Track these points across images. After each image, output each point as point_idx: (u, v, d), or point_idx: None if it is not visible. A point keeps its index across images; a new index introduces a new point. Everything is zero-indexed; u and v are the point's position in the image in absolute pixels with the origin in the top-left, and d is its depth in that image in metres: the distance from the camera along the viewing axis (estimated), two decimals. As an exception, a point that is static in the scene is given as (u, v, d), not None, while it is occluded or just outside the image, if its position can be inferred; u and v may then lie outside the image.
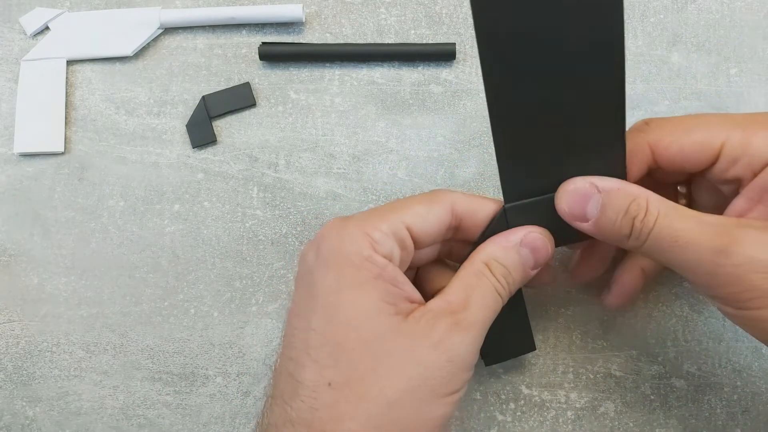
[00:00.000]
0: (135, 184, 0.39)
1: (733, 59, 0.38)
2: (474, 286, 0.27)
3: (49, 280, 0.38)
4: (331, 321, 0.26)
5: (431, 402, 0.26)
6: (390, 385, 0.25)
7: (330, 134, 0.39)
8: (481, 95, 0.38)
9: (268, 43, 0.39)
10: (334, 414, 0.25)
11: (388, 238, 0.27)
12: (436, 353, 0.26)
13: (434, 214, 0.28)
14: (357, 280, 0.26)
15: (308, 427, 0.25)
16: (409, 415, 0.25)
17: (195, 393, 0.37)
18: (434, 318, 0.26)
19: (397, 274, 0.27)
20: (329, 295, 0.26)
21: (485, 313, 0.27)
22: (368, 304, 0.26)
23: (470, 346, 0.26)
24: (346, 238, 0.27)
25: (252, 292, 0.38)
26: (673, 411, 0.35)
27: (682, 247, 0.25)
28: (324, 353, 0.26)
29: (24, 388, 0.37)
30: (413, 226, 0.28)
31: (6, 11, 0.41)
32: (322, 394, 0.25)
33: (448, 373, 0.26)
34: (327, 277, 0.27)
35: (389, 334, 0.26)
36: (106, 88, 0.40)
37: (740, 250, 0.24)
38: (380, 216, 0.27)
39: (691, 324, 0.36)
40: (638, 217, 0.26)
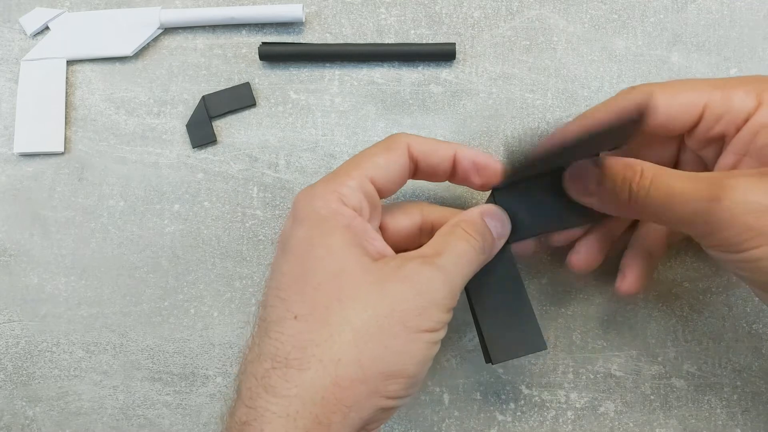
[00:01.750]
0: (135, 184, 0.39)
1: (733, 59, 0.38)
2: (446, 240, 0.28)
3: (49, 280, 0.38)
4: (300, 263, 0.27)
5: (401, 334, 0.25)
6: (356, 315, 0.25)
7: (330, 134, 0.39)
8: (481, 95, 0.38)
9: (268, 43, 0.39)
10: (297, 342, 0.25)
11: (355, 191, 0.28)
12: (403, 285, 0.26)
13: (393, 161, 0.29)
14: (326, 228, 0.27)
15: (272, 359, 0.25)
16: (377, 344, 0.25)
17: (195, 393, 0.37)
18: (404, 260, 0.27)
19: (368, 228, 0.28)
20: (300, 244, 0.27)
21: (458, 260, 0.28)
22: (337, 246, 0.27)
23: (441, 284, 0.26)
24: (315, 197, 0.28)
25: (252, 292, 0.38)
26: (673, 411, 0.35)
27: (679, 202, 0.26)
28: (292, 291, 0.26)
29: (24, 388, 0.37)
30: (376, 178, 0.29)
31: (6, 11, 0.41)
32: (288, 327, 0.26)
33: (416, 306, 0.26)
34: (299, 231, 0.27)
35: (357, 270, 0.26)
36: (106, 88, 0.40)
37: (733, 195, 0.25)
38: (345, 173, 0.29)
39: (691, 324, 0.36)
40: (634, 180, 0.27)
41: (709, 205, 0.25)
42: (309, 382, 0.24)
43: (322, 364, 0.25)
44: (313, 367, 0.24)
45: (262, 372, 0.25)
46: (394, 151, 0.29)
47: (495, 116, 0.38)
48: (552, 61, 0.38)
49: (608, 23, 0.39)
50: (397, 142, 0.30)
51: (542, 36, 0.39)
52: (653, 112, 0.29)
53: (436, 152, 0.30)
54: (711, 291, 0.36)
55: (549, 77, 0.38)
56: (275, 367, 0.25)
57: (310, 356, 0.25)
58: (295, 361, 0.25)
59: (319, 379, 0.24)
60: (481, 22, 0.39)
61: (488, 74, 0.39)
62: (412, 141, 0.30)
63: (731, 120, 0.28)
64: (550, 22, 0.39)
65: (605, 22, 0.39)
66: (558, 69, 0.38)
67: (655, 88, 0.29)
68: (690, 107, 0.29)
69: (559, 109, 0.38)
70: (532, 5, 0.39)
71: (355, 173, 0.28)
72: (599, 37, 0.39)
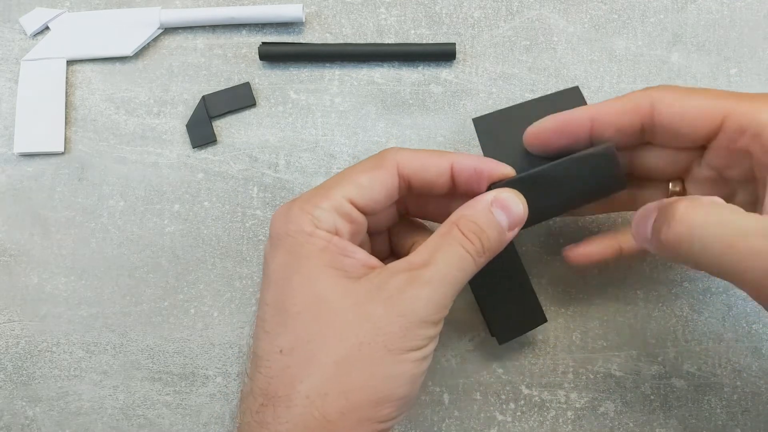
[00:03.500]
0: (135, 184, 0.39)
1: (733, 59, 0.38)
2: (439, 245, 0.27)
3: (49, 280, 0.38)
4: (279, 292, 0.26)
5: (384, 359, 0.25)
6: (337, 344, 0.25)
7: (330, 134, 0.39)
8: (481, 95, 0.38)
9: (268, 43, 0.39)
10: (285, 379, 0.25)
11: (329, 214, 0.27)
12: (385, 307, 0.25)
13: (378, 182, 0.28)
14: (302, 253, 0.26)
15: (264, 395, 0.25)
16: (361, 373, 0.25)
17: (195, 393, 0.37)
18: (389, 275, 0.26)
19: (346, 244, 0.27)
20: (278, 271, 0.27)
21: (448, 270, 0.26)
22: (314, 273, 0.26)
23: (427, 301, 0.25)
24: (290, 219, 0.27)
25: (252, 292, 0.38)
26: (673, 411, 0.35)
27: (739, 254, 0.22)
28: (274, 323, 0.26)
29: (24, 388, 0.37)
30: (357, 199, 0.27)
31: (6, 11, 0.41)
32: (275, 362, 0.26)
33: (400, 328, 0.25)
34: (276, 257, 0.27)
35: (336, 296, 0.26)
36: (106, 88, 0.40)
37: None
38: (322, 193, 0.27)
39: (691, 324, 0.36)
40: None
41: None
42: (298, 417, 0.25)
43: (309, 399, 0.25)
44: (301, 403, 0.25)
45: (256, 407, 0.26)
46: (381, 170, 0.28)
47: (495, 116, 0.38)
48: (552, 61, 0.38)
49: (608, 23, 0.39)
50: (385, 159, 0.28)
51: (542, 36, 0.39)
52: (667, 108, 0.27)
53: (429, 168, 0.28)
54: (711, 291, 0.36)
55: (549, 77, 0.38)
56: (265, 403, 0.25)
57: (296, 393, 0.25)
58: (283, 398, 0.25)
59: (308, 415, 0.24)
60: (481, 22, 0.39)
61: (488, 74, 0.39)
62: (402, 158, 0.28)
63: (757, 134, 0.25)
64: (550, 22, 0.39)
65: (605, 22, 0.39)
66: (558, 69, 0.38)
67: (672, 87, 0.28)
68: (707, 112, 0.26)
69: (559, 109, 0.38)
70: (532, 5, 0.39)
71: (333, 193, 0.27)
72: (599, 37, 0.39)
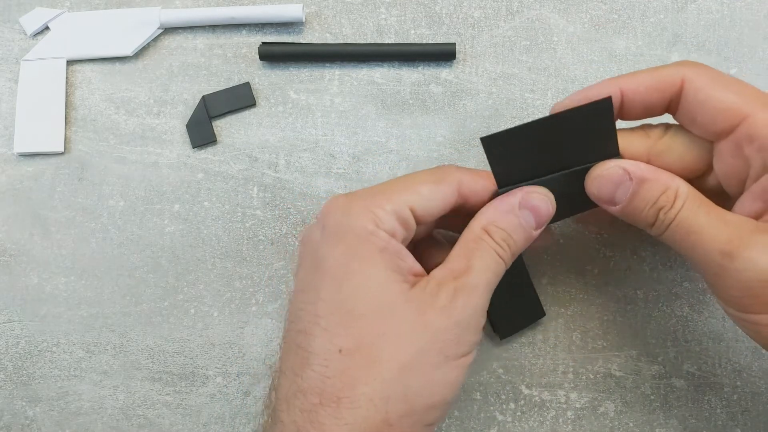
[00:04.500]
0: (135, 184, 0.39)
1: (733, 59, 0.38)
2: (474, 251, 0.27)
3: (49, 280, 0.38)
4: (340, 290, 0.26)
5: (442, 365, 0.26)
6: (400, 350, 0.25)
7: (330, 134, 0.39)
8: (481, 95, 0.38)
9: (268, 43, 0.39)
10: (346, 380, 0.25)
11: (390, 217, 0.27)
12: (442, 317, 0.26)
13: (440, 194, 0.28)
14: (364, 252, 0.27)
15: (320, 395, 0.25)
16: (421, 378, 0.25)
17: (195, 393, 0.37)
18: (438, 285, 0.27)
19: (401, 248, 0.27)
20: (337, 267, 0.27)
21: (487, 275, 0.27)
22: (376, 274, 0.26)
23: (475, 308, 0.27)
24: (351, 214, 0.27)
25: (252, 292, 0.38)
26: (673, 411, 0.35)
27: (693, 245, 0.25)
28: (334, 321, 0.26)
29: (24, 388, 0.37)
30: (417, 207, 0.28)
31: (6, 11, 0.41)
32: (334, 362, 0.25)
33: (455, 336, 0.26)
34: (335, 251, 0.27)
35: (398, 301, 0.26)
36: (106, 88, 0.40)
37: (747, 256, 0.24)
38: (385, 195, 0.28)
39: (691, 324, 0.36)
40: (664, 208, 0.26)
41: (722, 260, 0.24)
42: (361, 420, 0.25)
43: (373, 403, 0.25)
44: (364, 405, 0.25)
45: (309, 406, 0.25)
46: (443, 185, 0.28)
47: (495, 116, 0.38)
48: (552, 61, 0.38)
49: (608, 23, 0.39)
50: (449, 176, 0.29)
51: (542, 36, 0.39)
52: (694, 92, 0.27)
53: (486, 191, 0.29)
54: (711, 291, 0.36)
55: (549, 77, 0.38)
56: (323, 403, 0.25)
57: (360, 394, 0.25)
58: (345, 400, 0.25)
59: (370, 418, 0.25)
60: (481, 22, 0.39)
61: (488, 74, 0.39)
62: (464, 178, 0.29)
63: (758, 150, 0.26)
64: (550, 22, 0.39)
65: (605, 22, 0.39)
66: (558, 69, 0.38)
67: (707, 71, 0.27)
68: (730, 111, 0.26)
69: (559, 109, 0.38)
70: (532, 5, 0.39)
71: (396, 198, 0.27)
72: (599, 37, 0.39)
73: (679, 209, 0.26)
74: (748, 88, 0.27)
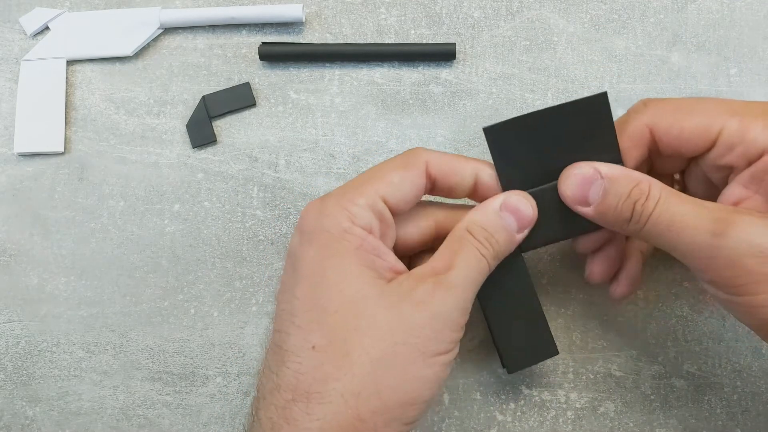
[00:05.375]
0: (135, 184, 0.39)
1: (733, 59, 0.38)
2: (456, 250, 0.27)
3: (49, 280, 0.38)
4: (314, 288, 0.26)
5: (417, 361, 0.26)
6: (373, 344, 0.25)
7: (330, 134, 0.39)
8: (481, 95, 0.38)
9: (268, 43, 0.39)
10: (318, 375, 0.25)
11: (365, 211, 0.27)
12: (418, 311, 0.26)
13: (408, 180, 0.28)
14: (338, 250, 0.27)
15: (293, 390, 0.25)
16: (395, 374, 0.25)
17: (195, 393, 0.37)
18: (417, 280, 0.26)
19: (378, 245, 0.27)
20: (312, 266, 0.27)
21: (468, 273, 0.27)
22: (350, 271, 0.26)
23: (453, 304, 0.26)
24: (324, 214, 0.27)
25: (252, 292, 0.38)
26: (673, 411, 0.35)
27: (680, 231, 0.25)
28: (307, 318, 0.26)
29: (24, 388, 0.37)
30: (388, 196, 0.28)
31: (6, 11, 0.41)
32: (307, 358, 0.26)
33: (432, 331, 0.26)
34: (309, 251, 0.27)
35: (372, 296, 0.26)
36: (106, 88, 0.40)
37: (737, 234, 0.24)
38: (356, 190, 0.28)
39: (691, 324, 0.36)
40: (639, 201, 0.26)
41: (713, 240, 0.24)
42: (331, 416, 0.25)
43: (344, 398, 0.25)
44: (335, 401, 0.25)
45: (283, 403, 0.25)
46: (411, 169, 0.28)
47: (495, 116, 0.38)
48: (552, 61, 0.38)
49: (608, 23, 0.39)
50: (415, 158, 0.29)
51: (542, 36, 0.39)
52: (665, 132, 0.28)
53: (456, 172, 0.29)
54: (711, 291, 0.36)
55: (549, 77, 0.38)
56: (295, 399, 0.25)
57: (330, 390, 0.25)
58: (316, 395, 0.25)
59: (341, 413, 0.25)
60: (481, 22, 0.39)
61: (488, 74, 0.39)
62: (432, 158, 0.29)
63: (743, 152, 0.27)
64: (550, 22, 0.39)
65: (605, 22, 0.39)
66: (558, 69, 0.38)
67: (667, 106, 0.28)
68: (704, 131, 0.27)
69: (559, 109, 0.38)
70: (532, 5, 0.39)
71: (367, 190, 0.28)
72: (599, 37, 0.39)
73: (657, 200, 0.26)
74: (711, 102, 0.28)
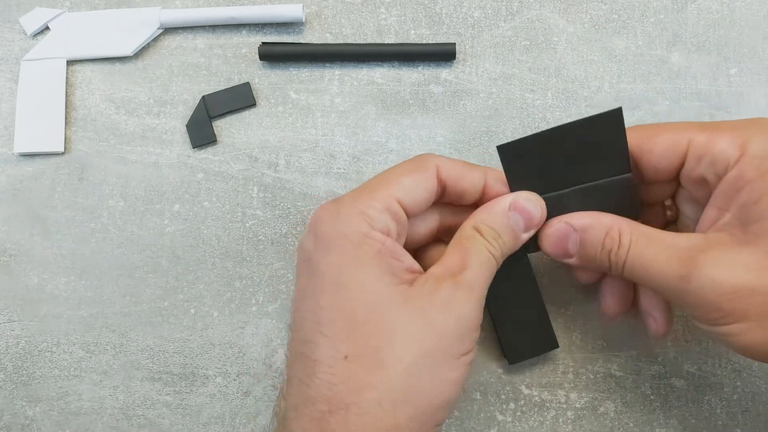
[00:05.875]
0: (135, 184, 0.39)
1: (733, 59, 0.38)
2: (468, 248, 0.28)
3: (49, 280, 0.38)
4: (339, 297, 0.26)
5: (447, 363, 0.26)
6: (405, 352, 0.25)
7: (330, 134, 0.39)
8: (481, 95, 0.38)
9: (268, 43, 0.39)
10: (353, 386, 0.25)
11: (382, 214, 0.27)
12: (444, 315, 0.26)
13: (421, 184, 0.29)
14: (359, 256, 0.27)
15: (328, 402, 0.25)
16: (428, 378, 0.26)
17: (195, 393, 0.37)
18: (437, 281, 0.27)
19: (396, 247, 0.28)
20: (333, 274, 0.27)
21: (482, 271, 0.28)
22: (373, 278, 0.26)
23: (474, 303, 0.27)
24: (342, 219, 0.27)
25: (252, 292, 0.38)
26: (673, 411, 0.35)
27: (651, 275, 0.27)
28: (336, 328, 0.26)
29: (24, 388, 0.37)
30: (403, 199, 0.28)
31: (6, 11, 0.41)
32: (340, 368, 0.26)
33: (458, 333, 0.26)
34: (329, 258, 0.27)
35: (398, 303, 0.26)
36: (106, 88, 0.40)
37: (701, 275, 0.25)
38: (371, 193, 0.28)
39: (691, 324, 0.36)
40: (613, 250, 0.28)
41: (680, 283, 0.26)
42: (370, 426, 0.25)
43: (382, 407, 0.25)
44: (373, 411, 0.25)
45: (318, 414, 0.25)
46: (423, 172, 0.29)
47: (495, 116, 0.38)
48: (552, 61, 0.38)
49: (608, 23, 0.39)
50: (426, 163, 0.29)
51: (542, 36, 0.39)
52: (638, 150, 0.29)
53: (465, 178, 0.30)
54: (711, 291, 0.36)
55: (549, 77, 0.38)
56: (332, 410, 0.25)
57: (368, 400, 0.25)
58: (354, 406, 0.25)
59: (379, 422, 0.25)
60: (481, 22, 0.39)
61: (488, 74, 0.39)
62: (442, 163, 0.29)
63: (711, 165, 0.27)
64: (550, 22, 0.39)
65: (605, 22, 0.39)
66: (558, 69, 0.38)
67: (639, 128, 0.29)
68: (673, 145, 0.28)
69: (559, 109, 0.38)
70: (532, 5, 0.39)
71: (382, 194, 0.28)
72: (599, 37, 0.39)
73: (627, 247, 0.27)
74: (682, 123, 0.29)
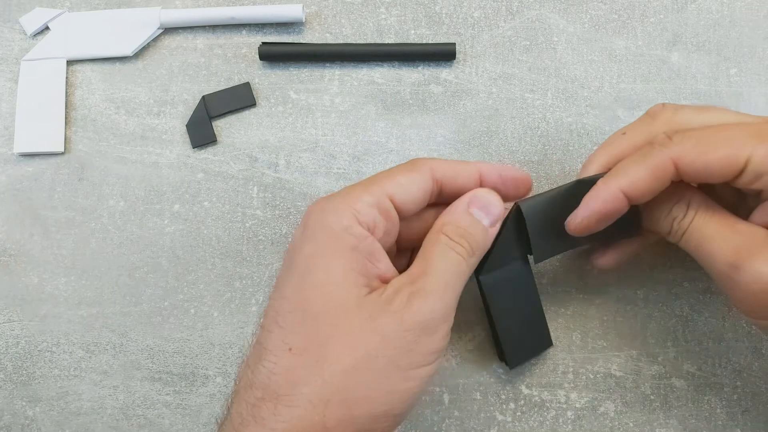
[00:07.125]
0: (135, 184, 0.39)
1: (733, 59, 0.38)
2: (432, 253, 0.27)
3: (49, 280, 0.38)
4: (301, 287, 0.26)
5: (391, 373, 0.25)
6: (347, 353, 0.25)
7: (330, 134, 0.39)
8: (481, 95, 0.38)
9: (268, 43, 0.39)
10: (290, 378, 0.25)
11: (371, 208, 0.27)
12: (393, 323, 0.25)
13: (416, 182, 0.29)
14: (332, 248, 0.26)
15: (263, 390, 0.25)
16: (366, 384, 0.25)
17: (195, 393, 0.37)
18: (395, 291, 0.26)
19: (375, 249, 0.27)
20: (303, 263, 0.27)
21: (446, 276, 0.27)
22: (339, 272, 0.26)
23: (431, 311, 0.26)
24: (328, 211, 0.27)
25: (252, 292, 0.38)
26: (673, 411, 0.35)
27: (705, 255, 0.27)
28: (290, 319, 0.26)
29: (24, 388, 0.37)
30: (396, 196, 0.28)
31: (6, 11, 0.41)
32: (282, 359, 0.26)
33: (407, 343, 0.25)
34: (306, 247, 0.27)
35: (352, 304, 0.26)
36: (106, 88, 0.40)
37: (753, 267, 0.25)
38: (363, 188, 0.28)
39: (691, 324, 0.36)
40: (677, 218, 0.28)
41: (730, 271, 0.26)
42: (297, 419, 0.25)
43: (312, 404, 0.25)
44: (303, 405, 0.25)
45: (253, 400, 0.25)
46: (417, 172, 0.29)
47: (495, 116, 0.38)
48: (552, 61, 0.38)
49: (608, 23, 0.39)
50: (419, 164, 0.29)
51: (542, 36, 0.39)
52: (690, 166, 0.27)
53: (460, 175, 0.30)
54: (711, 291, 0.36)
55: (549, 77, 0.38)
56: (265, 398, 0.25)
57: (300, 394, 0.25)
58: (285, 397, 0.25)
59: (307, 419, 0.25)
60: (481, 22, 0.39)
61: (488, 74, 0.39)
62: (435, 165, 0.29)
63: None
64: (550, 22, 0.39)
65: (605, 22, 0.39)
66: (558, 69, 0.38)
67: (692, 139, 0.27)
68: (730, 162, 0.26)
69: (559, 109, 0.38)
70: (532, 5, 0.39)
71: (374, 189, 0.28)
72: (599, 37, 0.39)
73: (692, 219, 0.28)
74: (736, 130, 0.27)
